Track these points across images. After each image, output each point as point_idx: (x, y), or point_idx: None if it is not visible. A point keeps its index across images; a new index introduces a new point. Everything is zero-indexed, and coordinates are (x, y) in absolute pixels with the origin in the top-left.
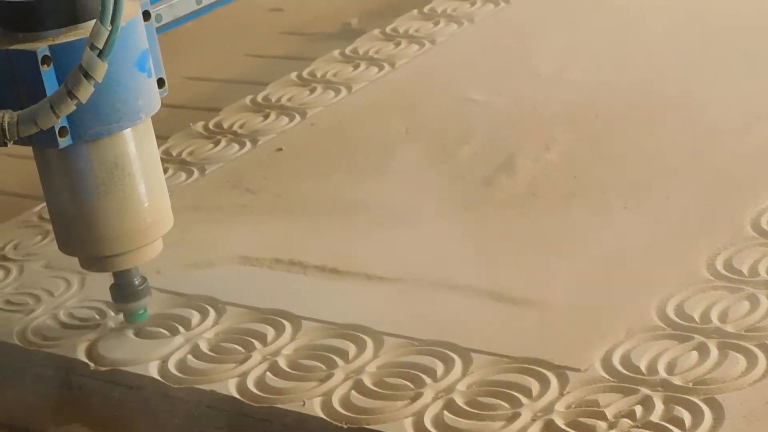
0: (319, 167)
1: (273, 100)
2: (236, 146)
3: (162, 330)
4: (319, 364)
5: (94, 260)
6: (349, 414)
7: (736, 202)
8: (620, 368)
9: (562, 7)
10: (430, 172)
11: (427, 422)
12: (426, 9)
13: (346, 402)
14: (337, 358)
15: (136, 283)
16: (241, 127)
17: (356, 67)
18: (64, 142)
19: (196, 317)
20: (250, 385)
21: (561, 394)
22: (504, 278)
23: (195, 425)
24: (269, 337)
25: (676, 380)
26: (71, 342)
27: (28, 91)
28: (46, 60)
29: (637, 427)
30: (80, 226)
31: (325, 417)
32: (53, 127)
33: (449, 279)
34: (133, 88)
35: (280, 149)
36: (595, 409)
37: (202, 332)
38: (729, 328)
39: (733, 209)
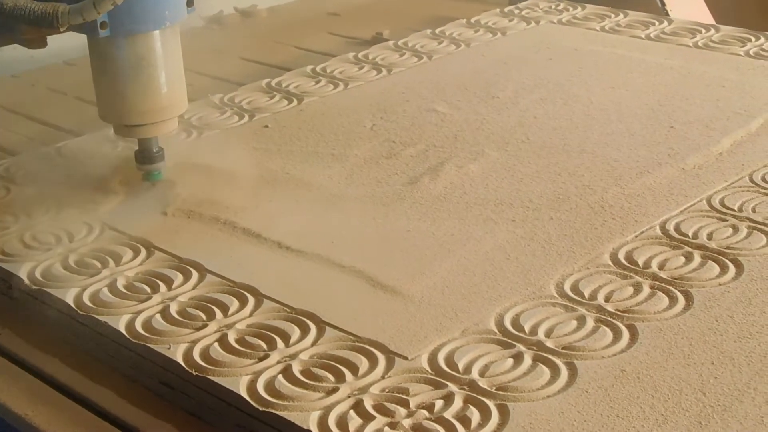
0: (290, 146)
1: (284, 85)
2: (236, 118)
3: (94, 261)
4: (200, 313)
5: (122, 128)
6: (204, 365)
7: (606, 232)
8: (441, 363)
9: (544, 50)
10: (372, 165)
11: (260, 384)
12: (437, 30)
13: (205, 354)
14: (218, 311)
15: (154, 150)
16: (248, 103)
17: (361, 68)
18: (103, 33)
19: (128, 254)
20: (138, 323)
21: (382, 377)
22: (383, 266)
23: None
24: (175, 283)
25: (482, 383)
26: (21, 260)
27: None
28: None
29: (429, 419)
30: (113, 100)
31: (182, 364)
32: (96, 21)
33: (339, 258)
34: (161, 1)
35: (267, 126)
36: (403, 396)
37: (124, 270)
38: (549, 342)
39: (600, 238)
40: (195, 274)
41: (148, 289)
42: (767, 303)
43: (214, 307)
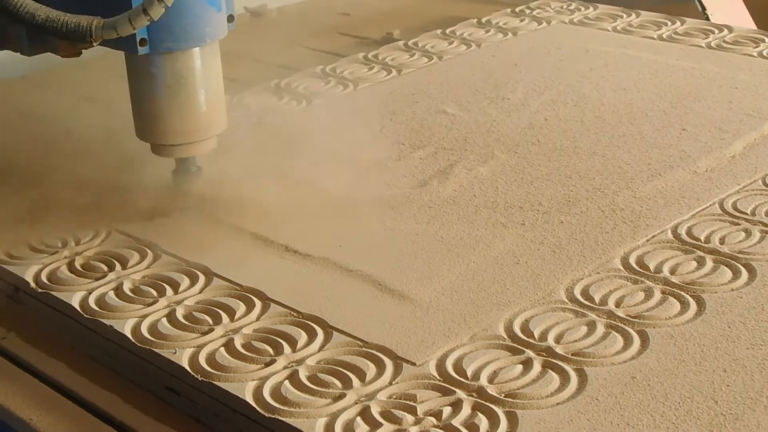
0: (299, 149)
1: (293, 86)
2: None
3: (101, 265)
4: (207, 317)
5: (159, 147)
6: (209, 370)
7: (617, 236)
8: (450, 369)
9: (555, 51)
10: (382, 168)
11: (266, 389)
12: (448, 30)
13: (211, 359)
14: (224, 316)
15: (192, 170)
16: (257, 104)
17: (371, 69)
18: (142, 50)
19: (135, 258)
20: (144, 327)
21: (390, 384)
22: (391, 270)
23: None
24: (182, 286)
25: (491, 389)
26: (28, 263)
27: (118, 5)
28: None
29: (437, 427)
30: (150, 118)
31: (188, 369)
32: (135, 37)
33: (347, 262)
34: (201, 17)
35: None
36: (410, 403)
37: (131, 273)
38: (559, 348)
39: (611, 242)
40: (202, 278)
41: (155, 293)
42: None
43: (220, 312)
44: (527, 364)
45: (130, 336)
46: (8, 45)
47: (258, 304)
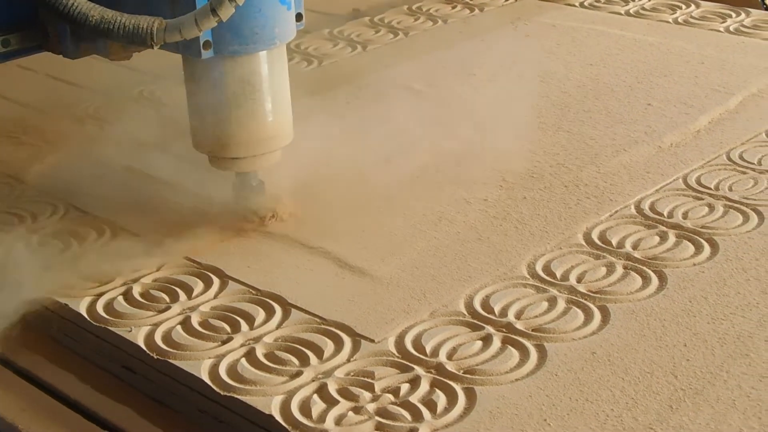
0: None
1: None
2: None
3: (57, 242)
4: (164, 295)
5: (219, 160)
6: (165, 348)
7: (580, 211)
8: (409, 346)
9: (522, 26)
10: (346, 144)
11: (222, 367)
12: (414, 6)
13: (167, 337)
14: (182, 293)
15: (254, 184)
16: None
17: (335, 45)
18: (206, 54)
19: (92, 235)
20: (100, 306)
21: (347, 361)
22: (352, 247)
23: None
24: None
25: (450, 366)
26: None
27: (182, 5)
28: None
29: (395, 404)
30: (211, 129)
31: (143, 347)
32: (198, 40)
33: (307, 239)
34: (271, 17)
35: None
36: (368, 380)
37: (87, 251)
38: (519, 324)
39: (574, 217)
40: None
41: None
42: (742, 284)
43: (178, 289)
44: (487, 340)
45: (85, 314)
46: (49, 46)
47: (216, 281)
